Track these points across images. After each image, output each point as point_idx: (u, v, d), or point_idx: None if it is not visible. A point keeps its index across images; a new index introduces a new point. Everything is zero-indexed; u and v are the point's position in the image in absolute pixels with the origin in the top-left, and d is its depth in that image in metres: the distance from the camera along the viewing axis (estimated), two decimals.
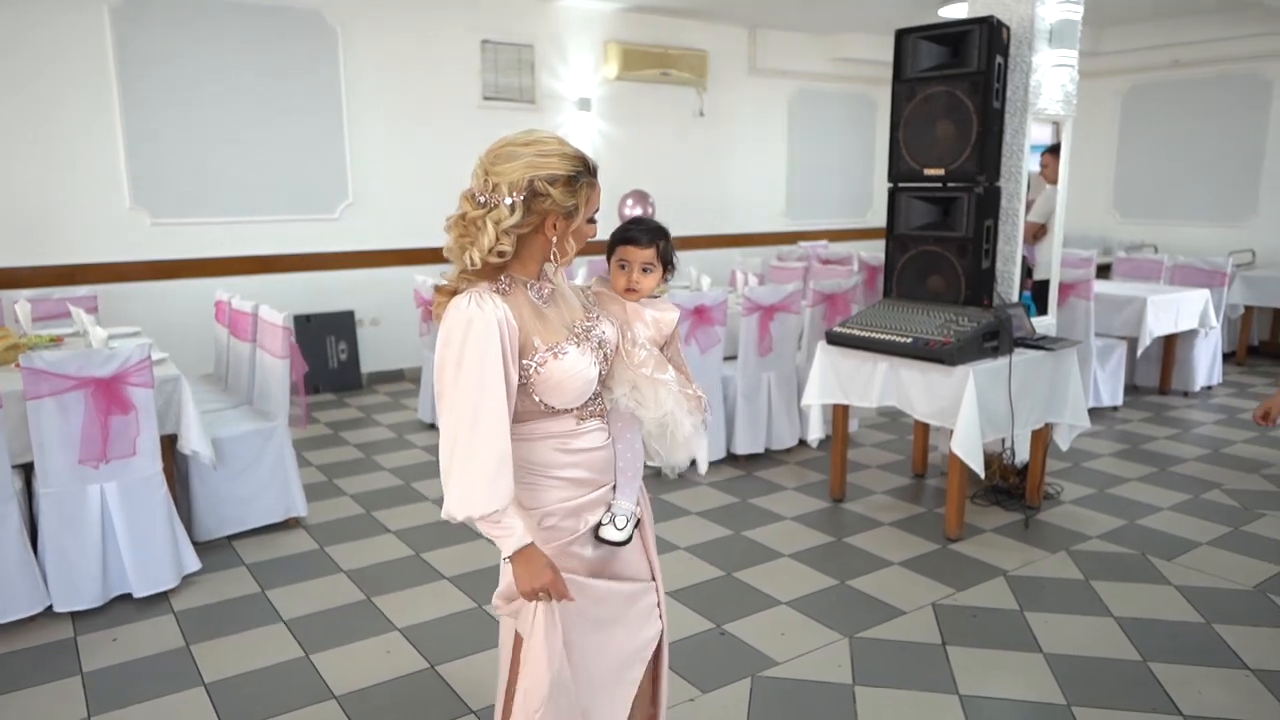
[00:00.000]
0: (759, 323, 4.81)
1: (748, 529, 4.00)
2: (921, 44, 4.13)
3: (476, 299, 1.56)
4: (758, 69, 8.54)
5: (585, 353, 1.68)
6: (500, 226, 1.56)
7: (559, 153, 1.59)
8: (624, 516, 1.78)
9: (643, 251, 1.86)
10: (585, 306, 1.80)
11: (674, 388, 1.78)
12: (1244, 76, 8.03)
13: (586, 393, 1.70)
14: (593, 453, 1.75)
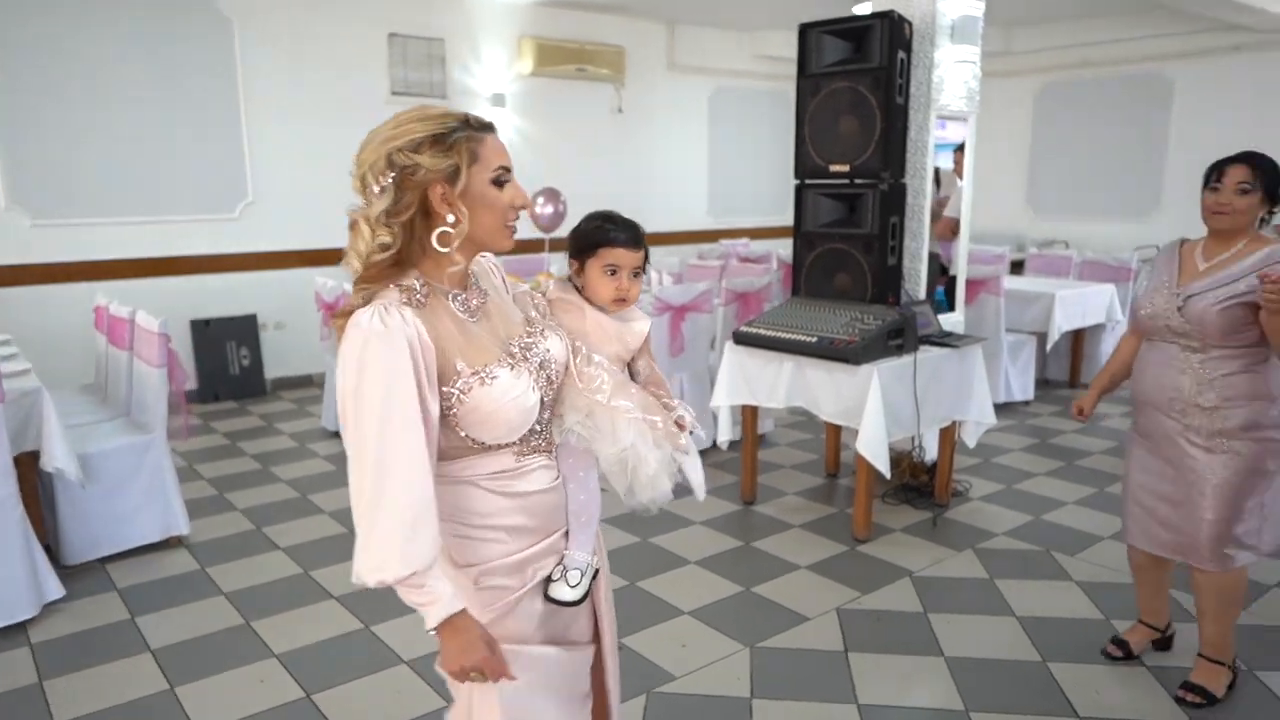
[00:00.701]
0: (670, 323, 4.71)
1: (656, 535, 3.90)
2: (825, 39, 4.08)
3: (380, 313, 1.29)
4: (677, 65, 8.47)
5: (521, 376, 1.40)
6: (371, 215, 1.32)
7: (418, 117, 1.34)
8: (578, 571, 1.51)
9: (634, 255, 1.64)
10: (527, 319, 1.52)
11: (636, 415, 1.53)
12: (1148, 76, 8.24)
13: (525, 424, 1.42)
14: (538, 496, 1.47)
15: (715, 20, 8.27)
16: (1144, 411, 2.63)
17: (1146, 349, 2.61)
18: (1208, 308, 2.41)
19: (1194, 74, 7.98)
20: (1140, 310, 2.58)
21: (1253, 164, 2.39)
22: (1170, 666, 2.81)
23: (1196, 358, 2.46)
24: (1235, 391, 2.42)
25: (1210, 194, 2.45)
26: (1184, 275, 2.51)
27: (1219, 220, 2.44)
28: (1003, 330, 5.75)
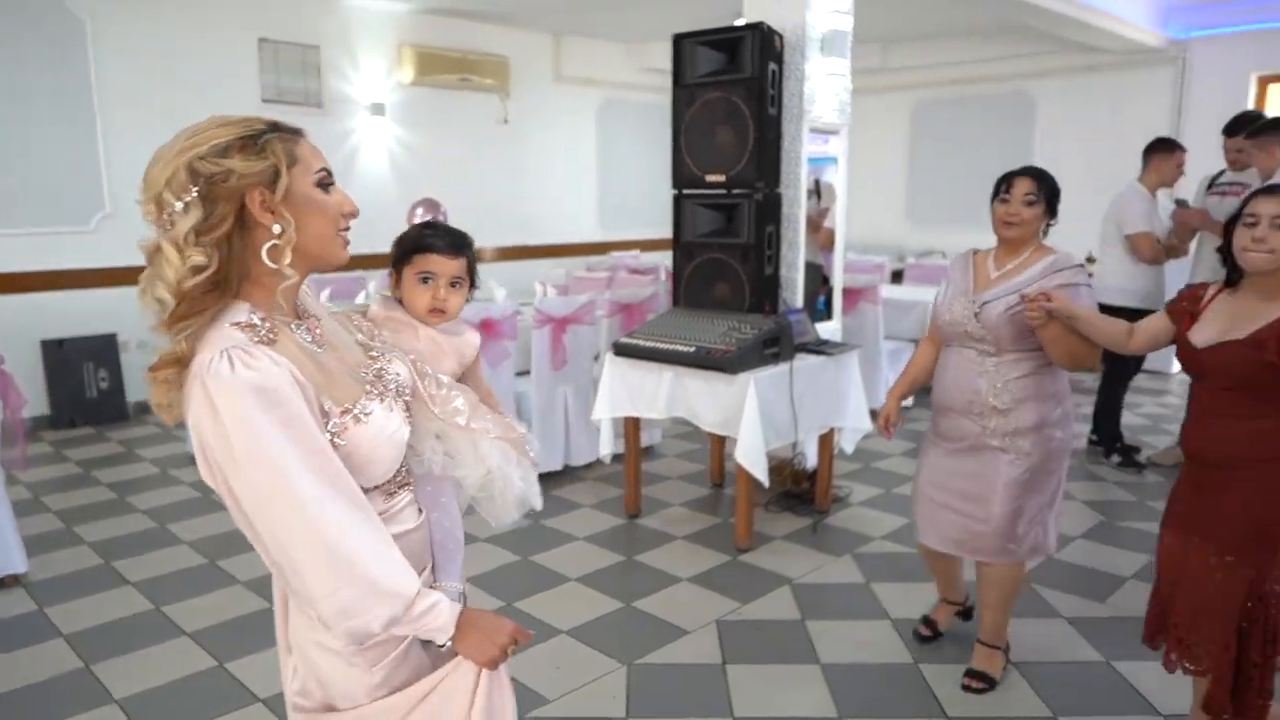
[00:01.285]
0: (551, 335, 4.63)
1: (537, 553, 3.80)
2: (699, 49, 4.09)
3: (241, 357, 1.12)
4: (564, 77, 8.42)
5: (392, 408, 1.28)
6: (178, 235, 1.14)
7: (218, 124, 1.19)
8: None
9: (451, 262, 1.55)
10: (363, 343, 1.37)
11: (495, 434, 1.45)
12: (1013, 93, 8.64)
13: (398, 461, 1.31)
14: (409, 536, 1.34)
15: (601, 32, 8.26)
16: (945, 415, 2.71)
17: (946, 354, 2.72)
18: (1000, 314, 2.52)
19: (1054, 92, 8.40)
20: (941, 317, 2.69)
21: (1037, 177, 2.58)
22: (1035, 662, 2.88)
23: (992, 361, 2.58)
24: (1026, 393, 2.55)
25: (1000, 205, 2.59)
26: (978, 283, 2.65)
27: (1009, 230, 2.58)
28: (881, 338, 5.88)
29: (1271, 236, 2.06)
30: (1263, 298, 2.13)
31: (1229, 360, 2.10)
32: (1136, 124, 7.72)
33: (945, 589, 3.04)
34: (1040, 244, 2.63)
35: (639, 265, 7.60)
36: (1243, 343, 2.08)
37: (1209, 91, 7.52)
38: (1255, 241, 2.08)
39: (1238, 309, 2.16)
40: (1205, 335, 2.18)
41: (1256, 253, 2.08)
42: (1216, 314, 2.20)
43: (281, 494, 1.13)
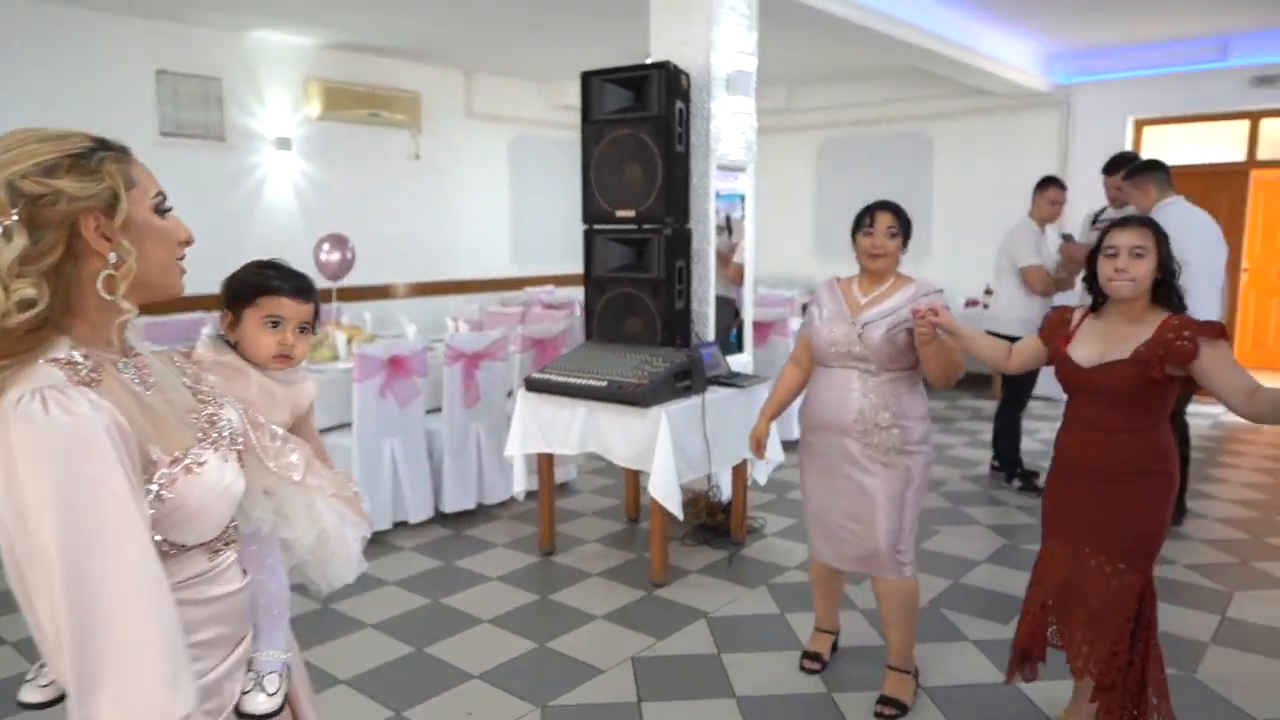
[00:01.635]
0: (463, 371, 4.57)
1: (449, 595, 3.70)
2: (607, 87, 4.14)
3: (56, 399, 0.99)
4: (476, 113, 8.40)
5: (227, 458, 1.18)
6: (2, 267, 1.00)
7: (36, 138, 1.07)
8: (275, 674, 1.28)
9: (302, 307, 1.48)
10: (190, 386, 1.25)
11: (330, 491, 1.38)
12: (912, 134, 8.99)
13: (229, 516, 1.20)
14: (232, 598, 1.22)
15: (513, 70, 8.29)
16: (823, 434, 2.81)
17: (825, 375, 2.81)
18: (881, 335, 2.68)
19: (950, 132, 8.77)
20: (821, 340, 2.79)
21: (895, 211, 2.78)
22: (944, 686, 2.93)
23: (873, 380, 2.71)
24: (903, 410, 2.70)
25: (865, 238, 2.77)
26: (852, 308, 2.78)
27: (876, 261, 2.76)
28: None
29: (1131, 265, 2.24)
30: (1128, 320, 2.30)
31: (1116, 378, 2.24)
32: (1027, 163, 8.12)
33: (824, 618, 3.11)
34: (898, 273, 2.81)
35: (553, 300, 7.59)
36: (1128, 362, 2.23)
37: (1091, 133, 7.97)
38: (1117, 271, 2.26)
39: (1109, 331, 2.32)
40: (1085, 355, 2.32)
41: (1119, 281, 2.26)
42: (1089, 335, 2.36)
43: (70, 562, 0.97)
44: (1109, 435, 2.29)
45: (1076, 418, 2.39)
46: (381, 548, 4.22)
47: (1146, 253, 2.26)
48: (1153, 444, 2.28)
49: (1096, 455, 2.32)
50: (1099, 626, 2.32)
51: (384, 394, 4.29)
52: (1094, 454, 2.33)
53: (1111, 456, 2.29)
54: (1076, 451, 2.38)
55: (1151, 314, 2.29)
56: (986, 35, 6.84)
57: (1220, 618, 3.45)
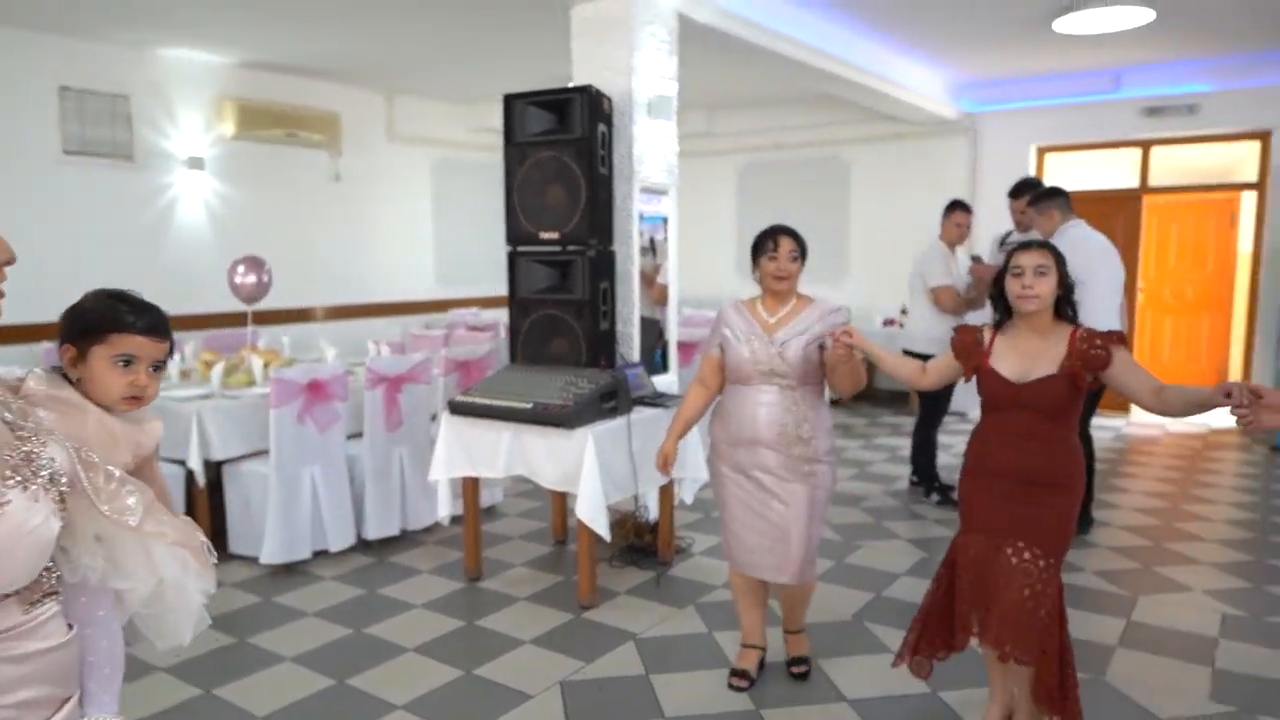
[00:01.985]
0: (385, 395, 4.49)
1: (371, 624, 3.61)
2: (530, 109, 4.15)
3: None
4: (397, 135, 8.32)
5: (38, 499, 1.09)
6: None
7: None
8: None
9: (157, 345, 1.42)
10: (11, 421, 1.15)
11: (171, 539, 1.28)
12: (830, 158, 9.23)
13: (42, 562, 1.11)
14: (53, 654, 1.13)
15: (434, 92, 8.24)
16: (743, 449, 2.91)
17: (743, 393, 2.92)
18: (797, 352, 2.85)
19: (866, 157, 9.04)
20: (739, 358, 2.90)
21: (795, 236, 2.95)
22: (870, 699, 2.99)
23: (792, 395, 2.86)
24: (818, 423, 2.89)
25: (770, 262, 2.91)
26: (764, 328, 2.91)
27: (781, 283, 2.91)
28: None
29: (1037, 283, 2.43)
30: (1037, 335, 2.49)
31: (1050, 391, 2.42)
32: (938, 187, 8.41)
33: (751, 632, 3.17)
34: (799, 293, 2.98)
35: (479, 323, 7.53)
36: (1059, 377, 2.41)
37: (997, 159, 8.31)
38: (1024, 289, 2.44)
39: (1022, 346, 2.49)
40: (1010, 371, 2.47)
41: (1026, 298, 2.45)
42: (1006, 352, 2.51)
43: None
44: (1039, 443, 2.45)
45: (1001, 428, 2.51)
46: (301, 578, 4.10)
47: (1049, 271, 2.44)
48: (1072, 449, 2.50)
49: (1026, 462, 2.46)
50: (1024, 616, 2.42)
51: (303, 420, 4.19)
52: (1020, 461, 2.46)
53: (1041, 462, 2.46)
54: (1002, 458, 2.50)
55: (1057, 327, 2.48)
56: (898, 64, 7.10)
57: (1126, 621, 3.60)
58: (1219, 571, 4.14)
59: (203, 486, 4.27)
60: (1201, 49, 6.90)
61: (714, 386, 3.05)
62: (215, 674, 3.18)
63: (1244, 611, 3.68)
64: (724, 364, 2.99)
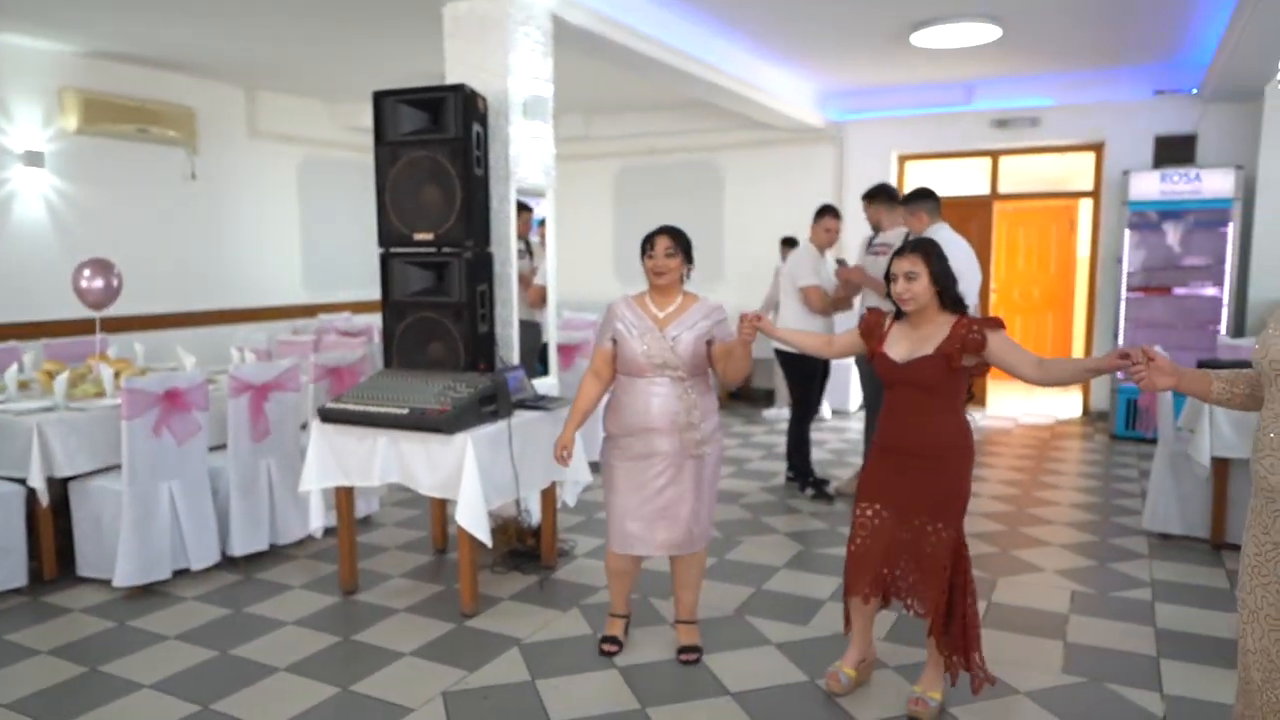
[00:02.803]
0: (251, 404, 4.28)
1: (238, 645, 3.43)
2: (401, 108, 4.05)
3: None
4: (260, 132, 7.95)
5: None
6: None
7: None
8: None
9: None
10: None
11: None
12: (704, 163, 9.41)
13: None
14: None
15: (299, 88, 7.92)
16: (639, 438, 3.11)
17: (637, 384, 3.12)
18: (688, 345, 3.08)
19: (739, 162, 9.26)
20: (633, 352, 3.09)
21: (673, 234, 3.16)
22: (753, 690, 3.05)
23: (683, 385, 3.10)
24: (706, 408, 3.14)
25: (649, 260, 3.14)
26: (655, 322, 3.12)
27: (661, 278, 3.14)
28: None
29: (908, 288, 2.77)
30: (926, 324, 2.81)
31: (926, 370, 2.74)
32: (807, 192, 8.71)
33: (620, 604, 3.41)
34: (684, 290, 3.21)
35: (350, 327, 7.29)
36: (934, 356, 2.74)
37: (862, 166, 8.66)
38: (900, 293, 2.80)
39: (913, 333, 2.83)
40: (898, 352, 2.81)
41: (903, 300, 2.80)
42: (899, 337, 2.86)
43: None
44: (922, 418, 2.78)
45: (894, 406, 2.86)
46: (159, 600, 3.86)
47: (917, 275, 2.76)
48: (956, 424, 2.80)
49: (913, 435, 2.79)
50: (926, 574, 2.77)
51: (159, 431, 3.94)
52: (912, 434, 2.80)
53: (926, 436, 2.78)
54: (896, 433, 2.84)
55: (943, 317, 2.80)
56: (769, 72, 7.30)
57: (988, 603, 3.80)
58: (1068, 552, 4.44)
59: (46, 506, 3.96)
60: (1043, 65, 7.40)
61: (607, 378, 3.24)
62: (62, 708, 2.94)
63: (1091, 589, 3.96)
64: (616, 356, 3.16)
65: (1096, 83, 7.71)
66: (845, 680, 2.99)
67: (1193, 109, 7.45)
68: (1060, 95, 7.91)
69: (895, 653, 3.31)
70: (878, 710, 2.91)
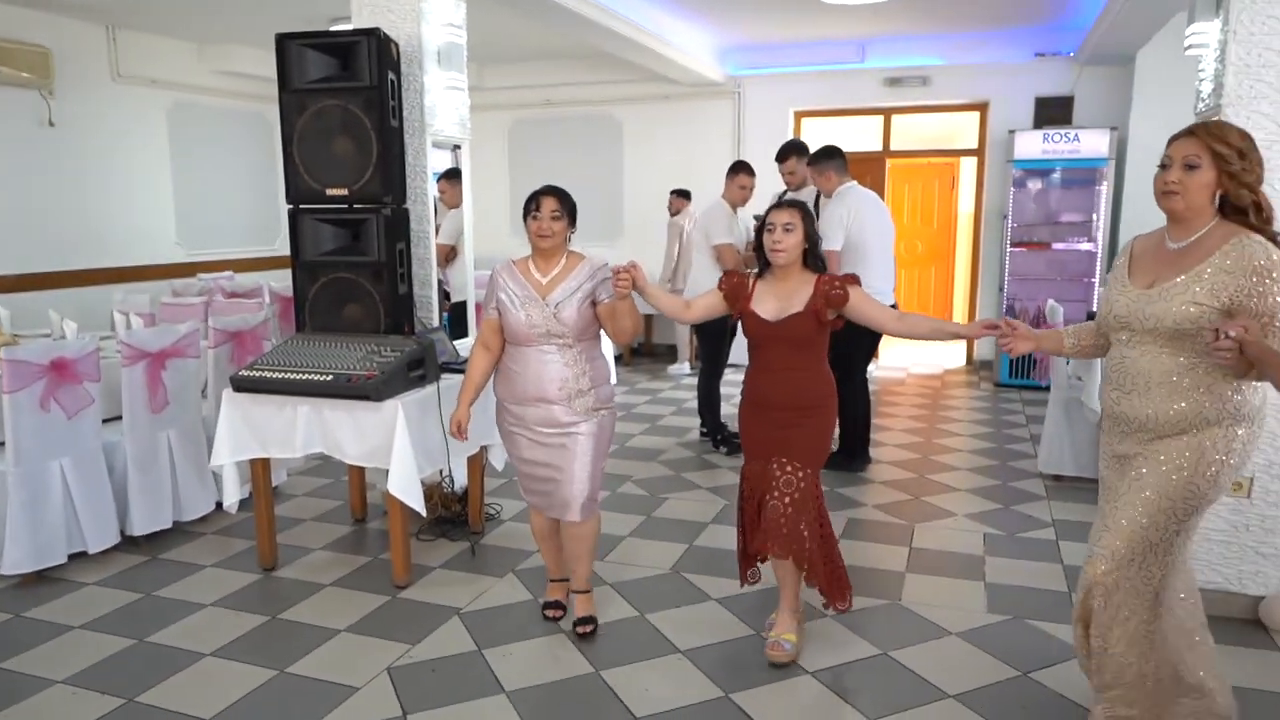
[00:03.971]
0: (147, 372, 3.97)
1: (155, 632, 3.22)
2: (309, 53, 3.77)
3: None
4: (123, 76, 7.29)
5: None
6: None
7: None
8: None
9: None
10: None
11: None
12: (602, 116, 9.26)
13: None
14: None
15: (167, 28, 7.29)
16: (533, 406, 3.02)
17: (525, 354, 3.01)
18: (572, 311, 2.97)
19: (638, 116, 9.16)
20: (516, 322, 2.98)
21: (559, 195, 3.03)
22: (700, 647, 3.08)
23: (571, 352, 3.01)
24: (596, 373, 3.06)
25: (534, 222, 3.01)
26: (537, 289, 3.01)
27: (545, 241, 3.01)
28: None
29: (784, 239, 2.83)
30: (790, 281, 2.88)
31: (797, 326, 2.82)
32: (706, 147, 8.73)
33: (555, 568, 3.35)
34: (570, 250, 3.10)
35: (237, 288, 6.86)
36: (803, 314, 2.82)
37: (760, 122, 8.73)
38: (775, 243, 2.84)
39: (778, 291, 2.88)
40: (768, 310, 2.86)
41: (776, 251, 2.85)
42: (765, 295, 2.90)
43: None
44: (792, 373, 2.87)
45: (766, 363, 2.92)
46: (57, 587, 3.58)
47: (795, 228, 2.84)
48: (823, 379, 2.93)
49: (784, 390, 2.88)
50: (795, 517, 2.85)
51: (45, 405, 3.61)
52: (783, 389, 2.88)
53: (801, 389, 2.89)
54: (768, 389, 2.91)
55: (805, 275, 2.89)
56: (668, 23, 7.20)
57: (909, 549, 3.97)
58: (974, 496, 4.68)
59: None
60: (934, 26, 7.60)
61: (496, 348, 3.11)
62: None
63: (1000, 530, 4.19)
64: (502, 325, 3.05)
65: (983, 44, 7.98)
66: (789, 647, 2.95)
67: (1070, 72, 7.83)
68: (949, 55, 8.15)
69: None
70: (831, 657, 2.99)
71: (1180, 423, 2.17)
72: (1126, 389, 2.26)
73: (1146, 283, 2.24)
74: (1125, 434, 2.29)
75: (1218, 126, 2.19)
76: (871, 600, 3.42)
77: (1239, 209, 2.15)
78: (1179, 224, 2.22)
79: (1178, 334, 2.14)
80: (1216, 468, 2.17)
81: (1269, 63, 2.96)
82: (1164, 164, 2.19)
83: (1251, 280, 2.06)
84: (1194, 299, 2.11)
